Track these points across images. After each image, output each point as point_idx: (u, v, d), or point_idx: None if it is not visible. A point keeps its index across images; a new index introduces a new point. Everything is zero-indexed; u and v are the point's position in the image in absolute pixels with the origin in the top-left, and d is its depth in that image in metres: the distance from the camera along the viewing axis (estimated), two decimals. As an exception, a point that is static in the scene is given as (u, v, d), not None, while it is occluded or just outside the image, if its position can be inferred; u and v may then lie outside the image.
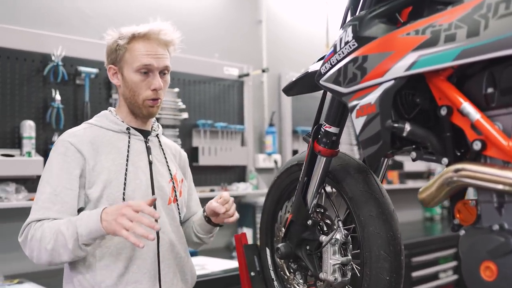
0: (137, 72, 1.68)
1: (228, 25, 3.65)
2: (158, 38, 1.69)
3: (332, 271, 1.43)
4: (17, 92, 2.58)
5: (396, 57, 1.11)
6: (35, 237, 1.52)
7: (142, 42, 1.68)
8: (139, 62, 1.67)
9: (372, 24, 1.19)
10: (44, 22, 2.74)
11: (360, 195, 1.39)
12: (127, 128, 1.72)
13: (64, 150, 1.62)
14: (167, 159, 1.81)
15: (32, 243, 1.53)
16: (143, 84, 1.68)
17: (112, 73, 1.74)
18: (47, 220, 1.55)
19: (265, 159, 3.71)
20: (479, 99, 1.04)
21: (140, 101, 1.69)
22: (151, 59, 1.67)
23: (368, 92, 1.17)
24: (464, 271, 1.02)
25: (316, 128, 1.46)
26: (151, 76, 1.69)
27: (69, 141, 1.63)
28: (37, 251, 1.53)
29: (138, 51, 1.67)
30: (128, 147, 1.70)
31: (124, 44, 1.68)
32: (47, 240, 1.50)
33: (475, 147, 1.00)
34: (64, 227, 1.50)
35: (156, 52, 1.68)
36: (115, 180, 1.63)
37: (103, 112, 1.77)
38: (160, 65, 1.69)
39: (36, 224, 1.54)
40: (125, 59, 1.69)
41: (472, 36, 0.98)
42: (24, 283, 2.34)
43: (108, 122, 1.72)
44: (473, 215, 1.06)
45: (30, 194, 2.54)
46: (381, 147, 1.15)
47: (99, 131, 1.69)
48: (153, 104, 1.71)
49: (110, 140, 1.69)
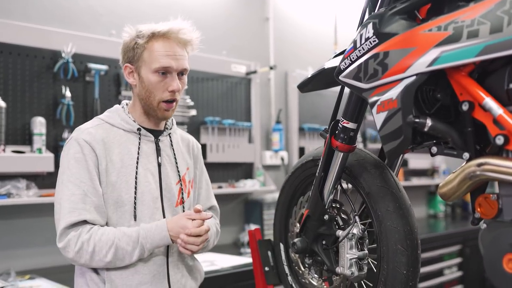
0: (155, 73, 1.64)
1: (236, 23, 3.66)
2: (177, 38, 1.66)
3: (349, 266, 1.45)
4: (28, 89, 2.59)
5: (418, 53, 1.12)
6: (86, 250, 1.54)
7: (162, 42, 1.64)
8: (158, 64, 1.63)
9: (393, 21, 1.20)
10: (55, 19, 2.75)
11: (377, 190, 1.41)
12: (138, 129, 1.69)
13: (80, 149, 1.60)
14: (178, 158, 1.78)
15: (81, 254, 1.55)
16: (161, 85, 1.65)
17: (128, 72, 1.70)
18: (92, 228, 1.56)
19: (272, 156, 3.72)
20: (500, 94, 1.05)
21: (155, 102, 1.66)
22: (171, 60, 1.63)
23: (389, 88, 1.18)
24: (487, 263, 1.03)
25: (333, 124, 1.47)
26: (169, 78, 1.65)
27: (83, 139, 1.61)
28: (88, 260, 1.56)
29: (157, 52, 1.63)
30: (138, 149, 1.68)
31: (143, 43, 1.64)
32: (103, 254, 1.55)
33: (498, 142, 1.02)
34: (123, 243, 1.56)
35: (175, 53, 1.65)
36: (124, 182, 1.63)
37: (115, 107, 1.74)
38: (179, 67, 1.66)
39: (83, 236, 1.55)
40: (143, 59, 1.65)
41: (495, 32, 0.99)
42: (35, 279, 2.35)
43: (120, 121, 1.69)
44: (494, 209, 1.08)
45: (40, 190, 2.55)
46: (402, 142, 1.16)
47: (110, 129, 1.67)
48: (168, 108, 1.68)
49: (120, 140, 1.67)
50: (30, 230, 2.61)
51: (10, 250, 2.55)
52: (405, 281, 1.35)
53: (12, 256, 2.55)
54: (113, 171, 1.62)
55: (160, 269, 1.67)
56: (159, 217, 1.67)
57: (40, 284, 2.25)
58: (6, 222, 2.55)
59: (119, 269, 1.61)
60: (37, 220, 2.63)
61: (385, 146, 1.20)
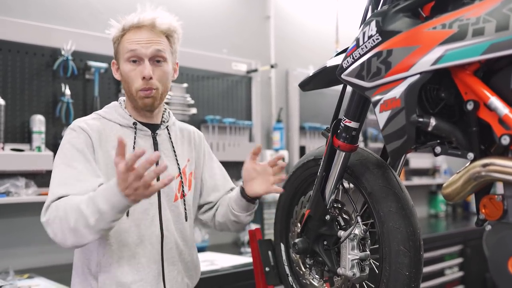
0: (128, 62, 1.62)
1: (236, 21, 3.64)
2: (151, 26, 1.63)
3: (351, 266, 1.43)
4: (27, 86, 2.57)
5: (422, 51, 1.10)
6: (59, 216, 1.43)
7: (133, 32, 1.63)
8: (127, 51, 1.61)
9: (397, 18, 1.19)
10: (54, 17, 2.73)
11: (379, 190, 1.39)
12: (134, 123, 1.66)
13: (76, 134, 1.58)
14: (177, 151, 1.74)
15: (56, 224, 1.44)
16: (133, 73, 1.61)
17: (115, 68, 1.70)
18: (67, 197, 1.47)
19: (273, 155, 3.69)
20: (506, 94, 1.04)
21: (134, 92, 1.63)
22: (139, 47, 1.60)
23: (392, 87, 1.17)
24: (492, 266, 1.01)
25: (335, 123, 1.45)
26: (141, 65, 1.61)
27: (79, 126, 1.60)
28: (61, 232, 1.43)
29: (127, 41, 1.62)
30: (134, 143, 1.64)
31: (118, 37, 1.65)
32: (68, 219, 1.41)
33: (503, 142, 1.00)
34: (83, 204, 1.41)
35: (147, 39, 1.61)
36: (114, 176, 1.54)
37: (113, 103, 1.73)
38: (149, 52, 1.60)
39: (59, 202, 1.46)
40: (119, 51, 1.65)
41: (501, 30, 0.98)
42: (34, 278, 2.33)
43: (117, 115, 1.67)
44: (499, 210, 1.06)
45: (39, 189, 2.53)
46: (406, 142, 1.15)
47: (106, 123, 1.65)
48: (146, 95, 1.61)
49: (117, 135, 1.59)
50: (29, 228, 2.59)
51: (8, 249, 2.53)
52: (407, 282, 1.34)
53: (10, 255, 2.53)
54: (106, 162, 1.59)
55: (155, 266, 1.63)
56: (153, 213, 1.63)
57: (38, 283, 2.24)
58: (5, 221, 2.53)
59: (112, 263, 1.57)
60: (36, 219, 2.55)
61: (388, 145, 1.19)
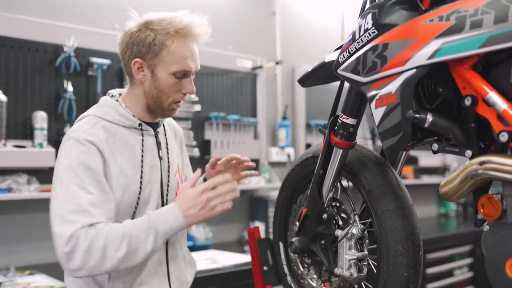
0: (173, 75, 1.54)
1: (241, 17, 3.60)
2: (195, 35, 1.57)
3: (348, 267, 1.40)
4: (29, 83, 2.56)
5: (418, 45, 1.07)
6: (97, 246, 1.35)
7: (183, 42, 1.54)
8: (179, 67, 1.53)
9: (393, 11, 1.15)
10: (57, 13, 2.72)
11: (377, 188, 1.35)
12: (139, 124, 1.59)
13: (85, 149, 1.45)
14: (172, 147, 1.72)
15: (91, 253, 1.35)
16: (176, 87, 1.56)
17: (137, 67, 1.55)
18: (98, 225, 1.38)
19: (278, 153, 3.67)
20: (506, 89, 1.00)
21: (166, 103, 1.57)
22: (191, 63, 1.55)
23: (388, 82, 1.13)
24: (489, 267, 0.98)
25: (332, 120, 1.42)
26: (184, 80, 1.57)
27: (88, 139, 1.46)
28: (98, 260, 1.35)
29: (178, 53, 1.53)
30: (142, 146, 1.58)
31: (163, 41, 1.52)
32: (116, 246, 1.36)
33: (502, 139, 0.96)
34: (134, 230, 1.40)
35: (193, 53, 1.56)
36: (133, 184, 1.53)
37: (106, 101, 1.60)
38: (197, 68, 1.60)
39: (91, 232, 1.36)
40: (161, 58, 1.53)
41: (500, 22, 0.94)
42: (35, 275, 2.33)
43: (118, 117, 1.56)
44: (498, 210, 1.02)
45: (41, 185, 2.52)
46: (402, 139, 1.11)
47: (109, 127, 1.54)
48: (177, 107, 1.61)
49: (123, 139, 1.55)
50: (31, 225, 2.58)
51: (10, 246, 2.53)
52: (405, 283, 1.30)
53: (12, 251, 2.53)
54: (121, 173, 1.51)
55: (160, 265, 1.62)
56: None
57: (39, 280, 2.23)
58: (7, 217, 2.53)
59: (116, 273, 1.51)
60: (38, 216, 2.60)
61: (383, 142, 1.15)
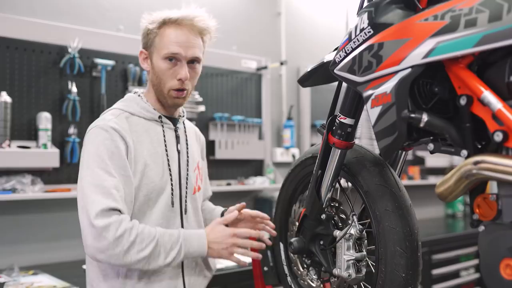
0: (165, 60, 1.62)
1: (246, 17, 3.60)
2: (191, 25, 1.64)
3: (346, 267, 1.39)
4: (34, 84, 2.58)
5: (413, 44, 1.06)
6: (127, 238, 1.45)
7: (174, 28, 1.62)
8: (166, 50, 1.61)
9: (389, 10, 1.14)
10: (61, 14, 2.74)
11: (375, 189, 1.35)
12: (159, 117, 1.68)
13: (109, 135, 1.55)
14: (192, 146, 1.79)
15: (120, 241, 1.45)
16: (169, 72, 1.63)
17: (143, 57, 1.69)
18: (134, 221, 1.50)
19: (283, 153, 3.66)
20: (501, 88, 0.98)
21: (165, 90, 1.64)
22: (179, 48, 1.61)
23: (384, 81, 1.12)
24: (483, 268, 0.97)
25: (330, 120, 1.41)
26: (178, 65, 1.63)
27: (112, 126, 1.56)
28: (124, 251, 1.45)
29: (167, 38, 1.62)
30: (164, 136, 1.67)
31: (154, 29, 1.63)
32: (143, 246, 1.47)
33: (496, 138, 0.95)
34: (164, 239, 1.51)
35: (186, 40, 1.62)
36: (150, 171, 1.61)
37: (130, 96, 1.71)
38: (189, 55, 1.63)
39: (125, 223, 1.46)
40: (155, 45, 1.64)
41: (494, 20, 0.93)
42: (39, 275, 2.34)
43: (140, 109, 1.66)
44: (493, 210, 1.01)
45: (46, 186, 2.54)
46: (397, 139, 1.10)
47: (131, 118, 1.64)
48: (178, 96, 1.65)
49: (144, 128, 1.65)
50: (35, 225, 2.60)
51: (14, 246, 2.55)
52: (403, 284, 1.29)
53: (16, 251, 2.54)
54: (140, 159, 1.59)
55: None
56: (177, 204, 1.67)
57: (42, 280, 2.24)
58: (11, 218, 2.55)
59: None
60: (42, 216, 2.62)
61: (379, 142, 1.14)
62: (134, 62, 2.88)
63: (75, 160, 2.63)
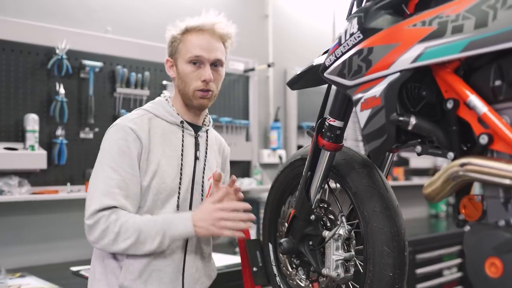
0: (189, 63, 1.70)
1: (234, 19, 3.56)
2: (212, 30, 1.73)
3: (335, 267, 1.41)
4: (21, 85, 2.57)
5: (401, 49, 1.09)
6: (112, 230, 1.55)
7: (196, 34, 1.71)
8: (190, 53, 1.69)
9: (378, 16, 1.17)
10: (49, 15, 2.73)
11: (364, 190, 1.37)
12: (181, 122, 1.74)
13: (125, 135, 1.62)
14: (211, 156, 1.83)
15: (106, 233, 1.55)
16: (194, 75, 1.70)
17: (169, 65, 1.77)
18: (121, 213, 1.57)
19: (270, 155, 3.69)
20: (486, 92, 1.01)
21: (190, 92, 1.71)
22: (202, 51, 1.69)
23: (373, 85, 1.15)
24: (469, 267, 1.00)
25: (320, 122, 1.44)
26: (201, 68, 1.70)
27: (129, 126, 1.64)
28: (111, 241, 1.56)
29: (190, 43, 1.70)
30: (182, 141, 1.72)
31: (178, 36, 1.72)
32: (127, 235, 1.56)
33: (482, 141, 0.98)
34: (147, 227, 1.57)
35: (208, 44, 1.71)
36: (162, 172, 1.66)
37: (158, 99, 1.79)
38: (211, 57, 1.70)
39: (112, 216, 1.56)
40: (179, 51, 1.72)
41: (480, 27, 0.95)
42: (26, 277, 2.33)
43: (164, 112, 1.73)
44: (478, 211, 1.04)
45: (33, 187, 2.54)
46: (386, 141, 1.13)
47: (154, 119, 1.71)
48: (203, 96, 1.71)
49: (164, 131, 1.71)
50: (22, 227, 2.59)
51: (0, 248, 2.54)
52: (391, 283, 1.32)
53: (3, 253, 2.53)
54: (154, 159, 1.65)
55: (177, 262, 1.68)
56: (186, 209, 1.71)
57: (30, 282, 2.23)
58: (-2, 219, 2.53)
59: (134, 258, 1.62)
60: (29, 218, 2.61)
61: (368, 145, 1.17)
62: (122, 64, 2.88)
63: (63, 162, 2.62)
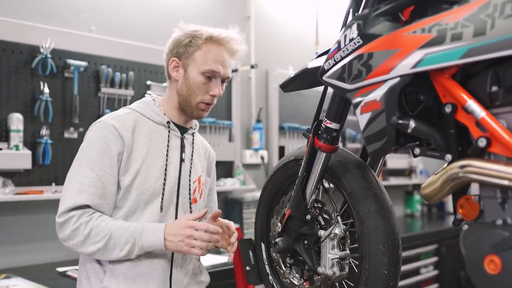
0: (203, 74, 1.69)
1: (216, 21, 3.62)
2: (229, 46, 1.72)
3: (331, 265, 1.46)
4: (5, 84, 2.53)
5: (402, 55, 1.13)
6: (82, 232, 1.54)
7: (216, 47, 1.70)
8: (208, 66, 1.68)
9: (377, 22, 1.21)
10: (33, 14, 2.70)
11: (359, 190, 1.42)
12: (168, 122, 1.73)
13: (106, 133, 1.61)
14: (197, 159, 1.82)
15: (76, 234, 1.55)
16: (204, 87, 1.70)
17: (173, 66, 1.73)
18: (94, 214, 1.57)
19: (252, 155, 3.72)
20: (483, 97, 1.06)
21: (194, 102, 1.71)
22: (220, 66, 1.69)
23: (373, 89, 1.19)
24: (468, 264, 1.04)
25: (316, 124, 1.47)
26: (213, 82, 1.70)
27: (112, 124, 1.62)
28: (80, 242, 1.55)
29: (209, 54, 1.69)
30: (168, 141, 1.71)
31: (198, 43, 1.69)
32: (97, 239, 1.54)
33: (480, 144, 1.03)
34: (119, 233, 1.55)
35: (224, 60, 1.71)
36: (146, 172, 1.64)
37: (145, 99, 1.77)
38: (226, 74, 1.72)
39: (84, 217, 1.55)
40: (194, 57, 1.69)
41: (479, 35, 1.00)
42: (12, 278, 2.30)
43: (150, 112, 1.72)
44: (475, 210, 1.09)
45: (17, 188, 2.51)
46: (386, 143, 1.17)
47: (140, 118, 1.69)
48: (206, 108, 1.73)
49: (149, 131, 1.69)
50: (6, 228, 2.56)
51: (-15, 249, 2.50)
52: (386, 281, 1.36)
53: (-13, 255, 2.50)
54: (137, 159, 1.64)
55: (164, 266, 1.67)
56: (172, 211, 1.70)
57: (16, 284, 2.21)
58: (-19, 220, 2.50)
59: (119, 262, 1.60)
60: (13, 218, 2.58)
61: (368, 147, 1.21)
62: (106, 64, 2.87)
63: (47, 162, 2.60)
